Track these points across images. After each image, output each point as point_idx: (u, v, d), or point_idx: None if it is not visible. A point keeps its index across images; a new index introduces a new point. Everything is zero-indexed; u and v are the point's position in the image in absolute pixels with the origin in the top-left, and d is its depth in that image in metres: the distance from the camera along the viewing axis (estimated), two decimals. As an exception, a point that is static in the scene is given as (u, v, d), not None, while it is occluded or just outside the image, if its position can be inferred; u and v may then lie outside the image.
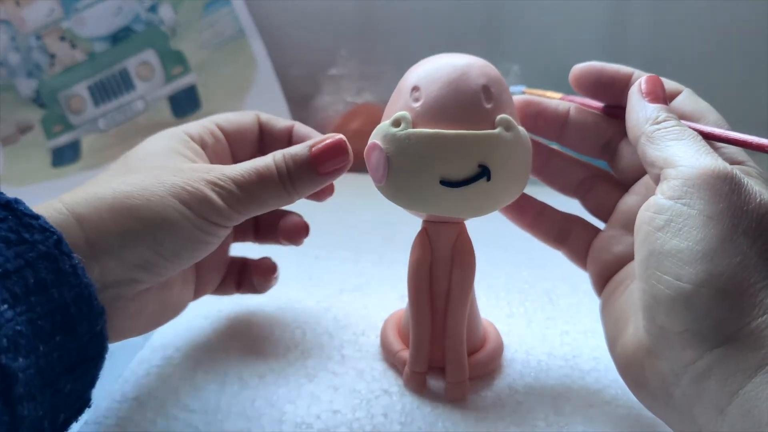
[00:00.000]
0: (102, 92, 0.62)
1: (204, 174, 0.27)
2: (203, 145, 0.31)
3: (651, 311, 0.23)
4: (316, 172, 0.27)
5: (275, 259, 0.37)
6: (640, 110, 0.27)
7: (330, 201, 0.51)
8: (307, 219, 0.37)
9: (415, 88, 0.27)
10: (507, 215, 0.33)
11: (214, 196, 0.26)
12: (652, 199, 0.24)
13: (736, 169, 0.23)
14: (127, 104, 0.61)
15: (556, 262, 0.43)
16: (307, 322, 0.37)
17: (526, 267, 0.43)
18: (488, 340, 0.34)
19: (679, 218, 0.22)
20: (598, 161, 0.32)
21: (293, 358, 0.34)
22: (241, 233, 0.37)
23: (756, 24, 0.60)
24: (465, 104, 0.26)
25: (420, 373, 0.31)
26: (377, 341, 0.35)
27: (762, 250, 0.21)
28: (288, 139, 0.34)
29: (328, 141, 0.27)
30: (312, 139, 0.28)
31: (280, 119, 0.35)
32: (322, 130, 0.57)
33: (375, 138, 0.28)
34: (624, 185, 0.31)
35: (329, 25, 0.63)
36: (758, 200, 0.22)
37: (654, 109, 0.26)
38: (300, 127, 0.35)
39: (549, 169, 0.33)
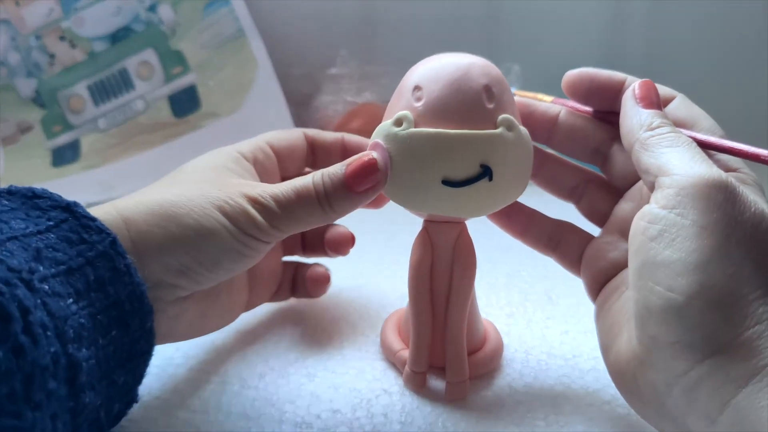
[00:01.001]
0: (102, 92, 0.61)
1: (246, 190, 0.27)
2: (254, 161, 0.32)
3: (643, 321, 0.23)
4: (351, 191, 0.27)
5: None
6: (634, 116, 0.26)
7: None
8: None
9: (417, 88, 0.27)
10: (496, 223, 0.33)
11: (254, 211, 0.27)
12: (646, 207, 0.24)
13: (731, 177, 0.23)
14: (126, 104, 0.61)
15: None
16: (307, 322, 0.37)
17: (526, 267, 0.43)
18: (488, 339, 0.34)
19: (672, 228, 0.22)
20: (589, 166, 0.32)
21: (293, 357, 0.34)
22: (289, 247, 0.38)
23: (754, 27, 0.60)
24: (467, 104, 0.26)
25: (420, 373, 0.31)
26: (377, 340, 0.35)
27: (755, 261, 0.21)
28: (340, 151, 0.35)
29: (360, 160, 0.27)
30: (349, 159, 0.28)
31: (328, 133, 0.36)
32: (323, 130, 0.58)
33: (377, 137, 0.28)
34: (618, 190, 0.31)
35: (329, 25, 0.64)
36: (752, 210, 0.22)
37: (648, 115, 0.26)
38: (350, 139, 0.35)
39: (543, 173, 0.32)
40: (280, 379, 0.33)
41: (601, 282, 0.30)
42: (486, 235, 0.34)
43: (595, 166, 0.32)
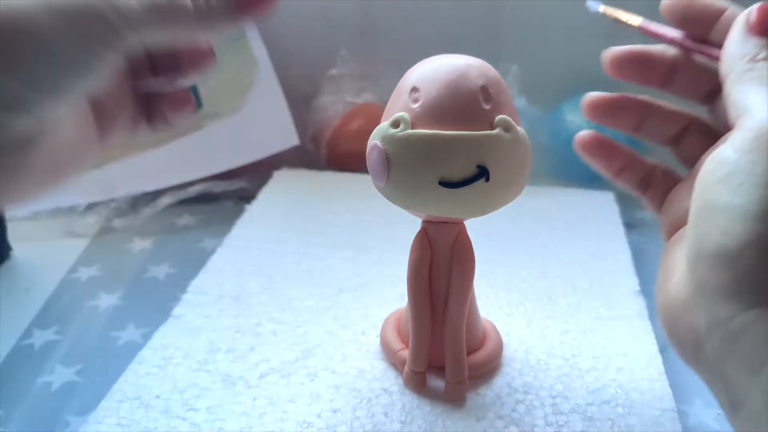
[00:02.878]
0: (103, 92, 0.62)
1: None
2: None
3: (694, 263, 0.22)
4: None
5: (273, 256, 0.36)
6: (739, 43, 0.24)
7: (330, 201, 0.52)
8: (307, 219, 0.37)
9: (414, 89, 0.27)
10: (595, 161, 0.31)
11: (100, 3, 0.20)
12: (720, 148, 0.22)
13: None
14: (127, 104, 0.61)
15: (556, 261, 0.44)
16: (307, 322, 0.37)
17: (526, 266, 0.43)
18: (488, 339, 0.34)
19: (741, 174, 0.21)
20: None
21: (294, 357, 0.34)
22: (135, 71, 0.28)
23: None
24: (463, 105, 0.26)
25: (419, 373, 0.31)
26: (377, 340, 0.36)
27: None
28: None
29: None
30: None
31: None
32: (323, 130, 0.57)
33: (375, 139, 0.28)
34: (720, 135, 0.29)
35: (329, 26, 0.63)
36: None
37: (755, 45, 0.23)
38: None
39: (647, 125, 0.30)
40: (281, 379, 0.33)
41: (676, 226, 0.29)
42: (485, 235, 0.34)
43: (708, 108, 0.30)
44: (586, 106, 0.30)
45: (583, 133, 0.31)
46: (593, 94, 0.30)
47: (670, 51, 0.30)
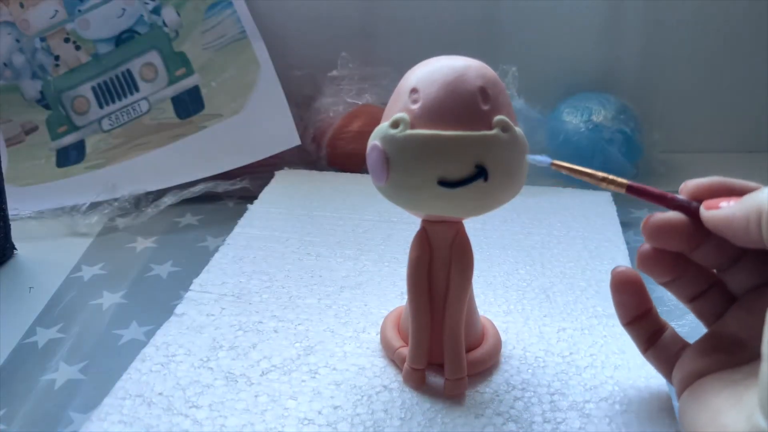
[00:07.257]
0: (106, 93, 0.62)
1: None
2: None
3: None
4: None
5: (275, 254, 0.37)
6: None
7: (331, 200, 0.52)
8: (308, 218, 0.38)
9: (414, 90, 0.28)
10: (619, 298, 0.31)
11: None
12: None
13: None
14: (130, 105, 0.62)
15: (553, 260, 0.44)
16: (309, 319, 0.38)
17: (524, 265, 0.44)
18: (486, 336, 0.34)
19: None
20: None
21: (295, 354, 0.35)
22: None
23: (753, 30, 0.60)
24: (462, 106, 0.27)
25: (419, 370, 0.32)
26: (378, 338, 0.36)
27: None
28: None
29: None
30: None
31: None
32: (324, 131, 0.58)
33: (375, 139, 0.28)
34: (736, 297, 0.29)
35: (331, 27, 0.64)
36: None
37: None
38: None
39: (679, 281, 0.29)
40: (283, 376, 0.33)
41: (694, 376, 0.28)
42: (483, 234, 0.34)
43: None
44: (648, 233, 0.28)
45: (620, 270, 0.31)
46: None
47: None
